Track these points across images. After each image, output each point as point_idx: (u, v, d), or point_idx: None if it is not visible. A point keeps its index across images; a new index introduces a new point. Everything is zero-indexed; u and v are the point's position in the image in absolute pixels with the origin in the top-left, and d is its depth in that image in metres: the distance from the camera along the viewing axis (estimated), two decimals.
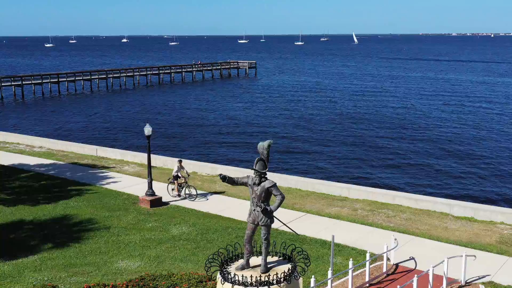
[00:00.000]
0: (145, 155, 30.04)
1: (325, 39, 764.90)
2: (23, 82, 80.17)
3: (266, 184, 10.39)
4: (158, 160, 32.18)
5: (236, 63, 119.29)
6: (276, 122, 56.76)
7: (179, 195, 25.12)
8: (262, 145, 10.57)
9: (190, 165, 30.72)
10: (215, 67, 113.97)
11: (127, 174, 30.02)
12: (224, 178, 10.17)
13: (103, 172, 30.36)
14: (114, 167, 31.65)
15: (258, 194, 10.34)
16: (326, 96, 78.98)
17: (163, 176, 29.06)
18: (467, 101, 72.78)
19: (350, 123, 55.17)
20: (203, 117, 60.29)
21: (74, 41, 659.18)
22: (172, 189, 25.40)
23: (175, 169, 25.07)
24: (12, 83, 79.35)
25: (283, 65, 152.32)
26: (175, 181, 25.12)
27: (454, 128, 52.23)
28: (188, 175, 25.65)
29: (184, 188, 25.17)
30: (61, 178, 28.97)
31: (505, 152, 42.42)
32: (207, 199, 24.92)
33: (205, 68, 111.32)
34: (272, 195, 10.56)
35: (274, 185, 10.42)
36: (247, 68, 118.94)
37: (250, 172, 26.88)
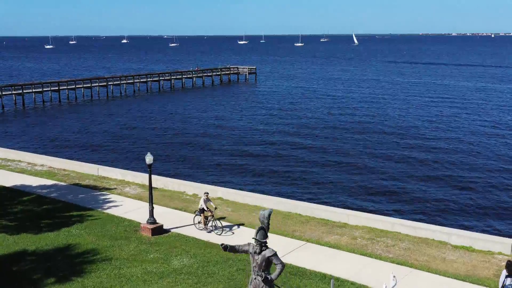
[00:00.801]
0: (146, 175, 30.99)
1: (325, 39, 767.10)
2: (24, 91, 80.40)
3: (267, 253, 10.59)
4: (159, 182, 32.35)
5: (236, 69, 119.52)
6: (275, 139, 56.52)
7: (205, 228, 24.76)
8: (263, 214, 10.78)
9: (191, 187, 30.98)
10: (215, 73, 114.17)
11: (128, 197, 30.21)
12: (225, 248, 10.38)
13: (104, 195, 30.56)
14: (115, 189, 31.84)
15: (259, 263, 10.54)
16: (324, 107, 78.89)
17: (164, 199, 29.30)
18: (472, 119, 72.85)
19: (348, 141, 54.90)
20: (203, 132, 60.39)
21: (74, 42, 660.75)
22: (199, 222, 25.07)
23: (202, 202, 24.62)
24: (13, 92, 79.63)
25: (282, 70, 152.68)
26: (202, 214, 24.72)
27: (457, 153, 51.65)
28: (215, 208, 25.32)
29: (210, 221, 24.85)
30: (63, 201, 29.18)
31: (504, 179, 42.20)
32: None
33: (205, 74, 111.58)
34: (273, 263, 10.78)
35: (275, 254, 10.63)
36: (247, 73, 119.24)
37: (252, 196, 26.95)
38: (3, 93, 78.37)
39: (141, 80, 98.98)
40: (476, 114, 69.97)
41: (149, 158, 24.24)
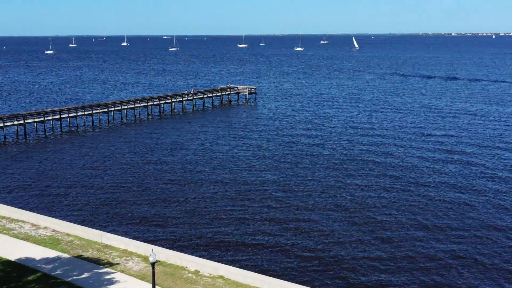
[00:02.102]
0: (149, 247, 33.36)
1: (325, 42, 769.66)
2: (26, 121, 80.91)
3: None
4: (161, 255, 32.87)
5: (236, 89, 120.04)
6: (270, 177, 57.25)
7: None
8: None
9: (193, 263, 31.51)
10: (215, 94, 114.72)
11: (131, 275, 30.74)
12: None
13: (108, 273, 31.08)
14: (118, 264, 32.35)
15: None
16: (319, 136, 79.36)
17: (166, 279, 29.81)
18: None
19: (341, 183, 55.76)
20: (200, 176, 60.86)
21: (74, 45, 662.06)
22: None
23: None
24: (15, 123, 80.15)
25: (282, 85, 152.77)
26: None
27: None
28: None
29: None
30: (66, 282, 29.76)
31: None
32: None
33: (206, 96, 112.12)
34: None
35: None
36: (247, 94, 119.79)
37: (253, 276, 27.25)
38: (5, 124, 78.88)
39: (142, 105, 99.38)
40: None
41: (152, 257, 24.78)
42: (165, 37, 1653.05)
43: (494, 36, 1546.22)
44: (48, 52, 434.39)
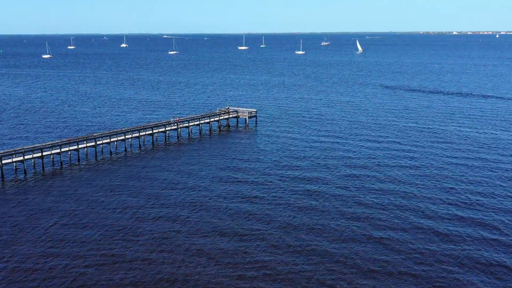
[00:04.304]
0: None
1: (326, 43, 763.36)
2: (25, 157, 74.33)
3: None
4: None
5: (235, 112, 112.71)
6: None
7: None
8: None
9: None
10: (213, 118, 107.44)
11: None
12: None
13: None
14: None
15: None
16: (315, 178, 71.95)
17: None
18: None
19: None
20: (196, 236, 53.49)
21: (72, 47, 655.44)
22: None
23: None
24: (13, 160, 73.76)
25: (281, 104, 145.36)
26: None
27: None
28: None
29: None
30: None
31: None
32: None
33: (204, 121, 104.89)
34: None
35: None
36: (247, 118, 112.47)
37: None
38: (3, 161, 73.17)
39: (133, 135, 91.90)
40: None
41: None
42: (165, 36, 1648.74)
43: (497, 36, 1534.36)
44: (45, 56, 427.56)
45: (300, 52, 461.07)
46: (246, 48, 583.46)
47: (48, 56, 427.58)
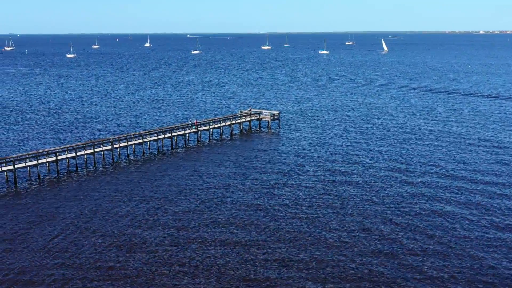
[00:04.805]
0: None
1: (350, 42, 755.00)
2: (15, 166, 70.84)
3: None
4: None
5: (257, 114, 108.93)
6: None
7: None
8: None
9: None
10: (234, 121, 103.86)
11: None
12: None
13: None
14: None
15: None
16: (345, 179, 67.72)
17: None
18: None
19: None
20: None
21: (97, 47, 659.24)
22: None
23: None
24: (3, 168, 70.15)
25: (304, 105, 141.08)
26: None
27: None
28: None
29: None
30: None
31: None
32: None
33: (224, 124, 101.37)
34: None
35: None
36: (269, 120, 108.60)
37: None
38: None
39: (152, 139, 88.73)
40: None
41: None
42: (188, 35, 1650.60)
43: None
44: (69, 55, 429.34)
45: (324, 52, 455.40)
46: (269, 47, 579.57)
47: (72, 55, 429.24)
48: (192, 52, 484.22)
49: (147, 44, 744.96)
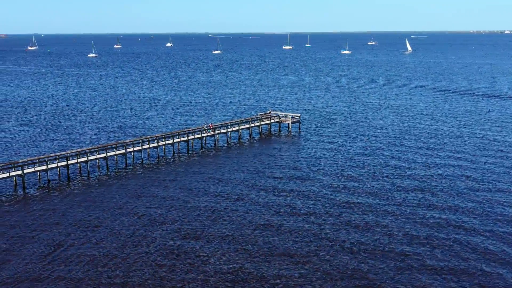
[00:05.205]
0: None
1: (373, 42, 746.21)
2: (24, 171, 68.09)
3: None
4: None
5: (277, 117, 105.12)
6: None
7: None
8: None
9: None
10: (253, 124, 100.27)
11: None
12: None
13: None
14: None
15: None
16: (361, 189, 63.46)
17: None
18: None
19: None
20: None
21: (118, 46, 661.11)
22: None
23: None
24: (10, 174, 67.41)
25: (325, 107, 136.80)
26: None
27: None
28: None
29: None
30: None
31: None
32: None
33: (243, 127, 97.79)
34: None
35: None
36: (290, 123, 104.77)
37: None
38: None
39: (167, 142, 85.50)
40: None
41: None
42: (210, 35, 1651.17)
43: None
44: (91, 55, 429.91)
45: (346, 52, 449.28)
46: (291, 47, 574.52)
47: (93, 55, 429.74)
48: (213, 52, 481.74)
49: (168, 44, 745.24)
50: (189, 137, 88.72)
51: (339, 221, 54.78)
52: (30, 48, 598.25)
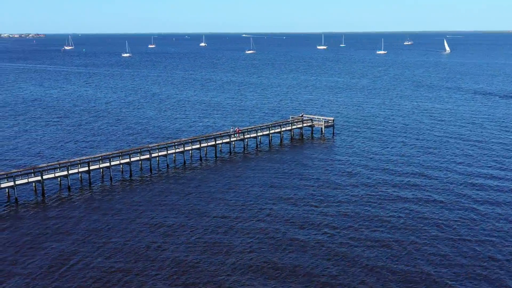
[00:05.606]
0: None
1: (409, 42, 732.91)
2: (44, 177, 65.16)
3: None
4: None
5: (310, 121, 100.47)
6: None
7: None
8: None
9: None
10: (284, 127, 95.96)
11: None
12: None
13: None
14: None
15: None
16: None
17: None
18: None
19: None
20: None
21: (153, 46, 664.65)
22: None
23: None
24: (29, 180, 64.55)
25: (360, 110, 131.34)
26: None
27: None
28: None
29: None
30: None
31: None
32: None
33: (274, 131, 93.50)
34: None
35: None
36: (323, 127, 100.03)
37: None
38: (17, 182, 63.66)
39: (194, 147, 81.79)
40: None
41: None
42: (244, 35, 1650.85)
43: None
44: (125, 55, 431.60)
45: (382, 52, 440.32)
46: (325, 47, 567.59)
47: (127, 55, 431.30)
48: (246, 51, 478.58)
49: (202, 44, 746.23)
50: (217, 142, 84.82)
51: (371, 236, 49.98)
52: (66, 47, 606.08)
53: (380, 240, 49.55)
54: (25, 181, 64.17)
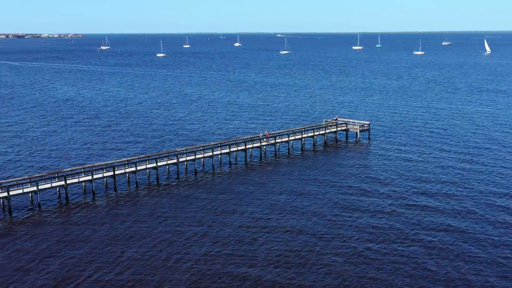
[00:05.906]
0: None
1: (447, 43, 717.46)
2: (67, 182, 63.32)
3: None
4: None
5: (344, 125, 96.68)
6: None
7: None
8: None
9: None
10: (317, 131, 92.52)
11: None
12: None
13: None
14: None
15: None
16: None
17: None
18: None
19: None
20: None
21: (187, 46, 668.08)
22: None
23: None
24: (52, 184, 62.82)
25: (397, 113, 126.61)
26: None
27: None
28: None
29: None
30: None
31: None
32: None
33: (307, 135, 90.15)
34: None
35: None
36: (358, 131, 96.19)
37: None
38: (40, 187, 62.03)
39: (223, 151, 79.03)
40: None
41: None
42: (278, 35, 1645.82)
43: None
44: (159, 55, 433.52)
45: (419, 53, 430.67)
46: (360, 48, 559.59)
47: (162, 54, 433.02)
48: (281, 52, 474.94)
49: (236, 44, 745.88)
50: (247, 146, 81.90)
51: (405, 250, 46.23)
52: (102, 47, 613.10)
53: (415, 258, 45.74)
54: (48, 185, 62.50)
